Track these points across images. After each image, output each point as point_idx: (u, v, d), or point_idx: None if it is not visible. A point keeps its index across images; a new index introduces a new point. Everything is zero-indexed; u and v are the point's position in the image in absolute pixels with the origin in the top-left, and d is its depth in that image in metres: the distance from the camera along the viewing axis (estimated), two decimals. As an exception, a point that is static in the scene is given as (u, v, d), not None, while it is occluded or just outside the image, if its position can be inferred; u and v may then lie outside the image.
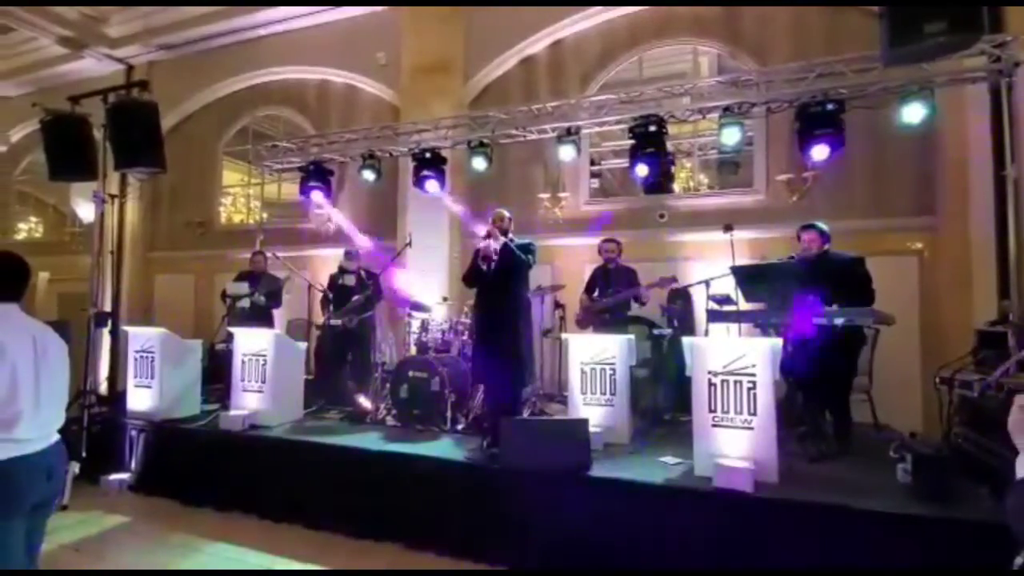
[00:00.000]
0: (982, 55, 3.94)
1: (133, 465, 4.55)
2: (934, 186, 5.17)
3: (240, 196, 9.03)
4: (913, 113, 4.08)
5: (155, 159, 4.80)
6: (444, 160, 5.73)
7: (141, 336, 4.86)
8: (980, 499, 2.66)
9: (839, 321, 3.22)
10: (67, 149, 4.93)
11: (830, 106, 4.24)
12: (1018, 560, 0.86)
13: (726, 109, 4.64)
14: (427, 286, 6.21)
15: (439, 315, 5.43)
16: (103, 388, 5.47)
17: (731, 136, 4.62)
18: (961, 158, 4.77)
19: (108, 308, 5.37)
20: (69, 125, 4.93)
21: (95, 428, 4.66)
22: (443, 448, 3.86)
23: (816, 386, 3.80)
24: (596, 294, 5.14)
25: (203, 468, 4.21)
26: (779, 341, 3.24)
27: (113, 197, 5.23)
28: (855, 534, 2.62)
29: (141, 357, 4.79)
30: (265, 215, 8.02)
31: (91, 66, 8.70)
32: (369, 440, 4.04)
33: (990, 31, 3.83)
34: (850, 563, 2.58)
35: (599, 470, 3.25)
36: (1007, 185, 4.04)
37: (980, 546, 2.36)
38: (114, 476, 4.46)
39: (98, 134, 4.97)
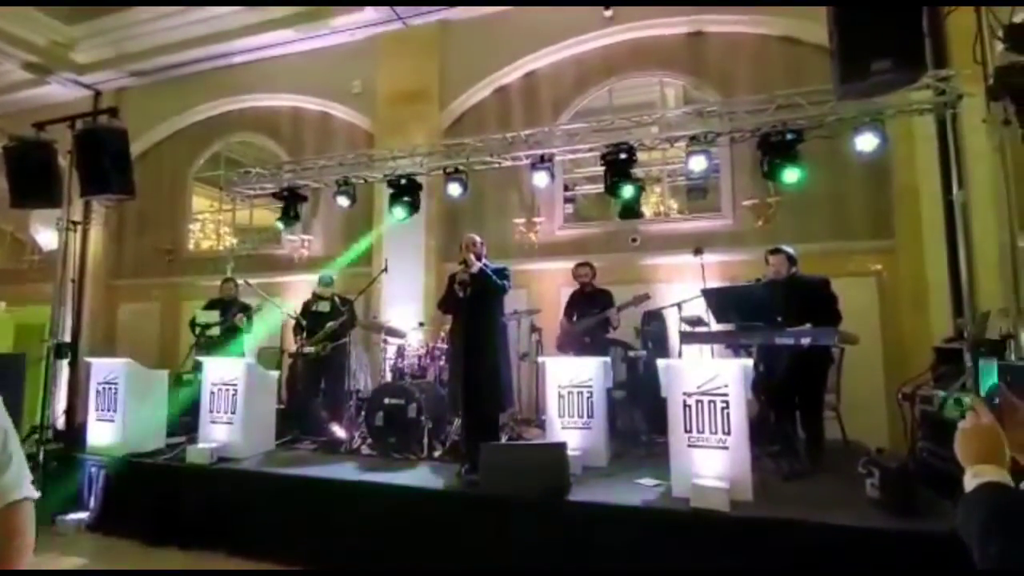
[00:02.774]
0: (928, 89, 4.21)
1: (92, 503, 4.33)
2: (890, 211, 5.44)
3: (210, 222, 8.88)
4: (866, 143, 4.31)
5: (123, 186, 4.71)
6: (419, 186, 5.77)
7: (104, 367, 4.69)
8: (946, 511, 2.75)
9: (805, 341, 3.32)
10: (30, 175, 4.80)
11: (790, 136, 4.45)
12: None
13: (692, 138, 4.82)
14: (403, 312, 6.18)
15: (415, 341, 5.39)
16: (61, 422, 5.21)
17: (698, 163, 4.78)
18: (912, 184, 5.05)
19: (68, 338, 5.18)
20: (33, 151, 4.81)
21: (52, 465, 4.44)
22: (421, 476, 3.80)
23: (788, 404, 3.90)
24: (575, 318, 5.20)
25: (168, 505, 4.03)
26: (750, 361, 3.33)
27: (76, 224, 5.08)
28: (827, 550, 2.66)
29: (104, 389, 4.61)
30: (236, 241, 7.89)
31: (58, 92, 8.53)
32: (344, 470, 3.95)
33: (934, 67, 4.11)
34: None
35: (578, 494, 3.24)
36: (955, 209, 4.27)
37: (947, 557, 2.43)
38: (71, 516, 4.23)
39: (63, 161, 4.86)
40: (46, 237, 8.87)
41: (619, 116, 5.25)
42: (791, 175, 4.43)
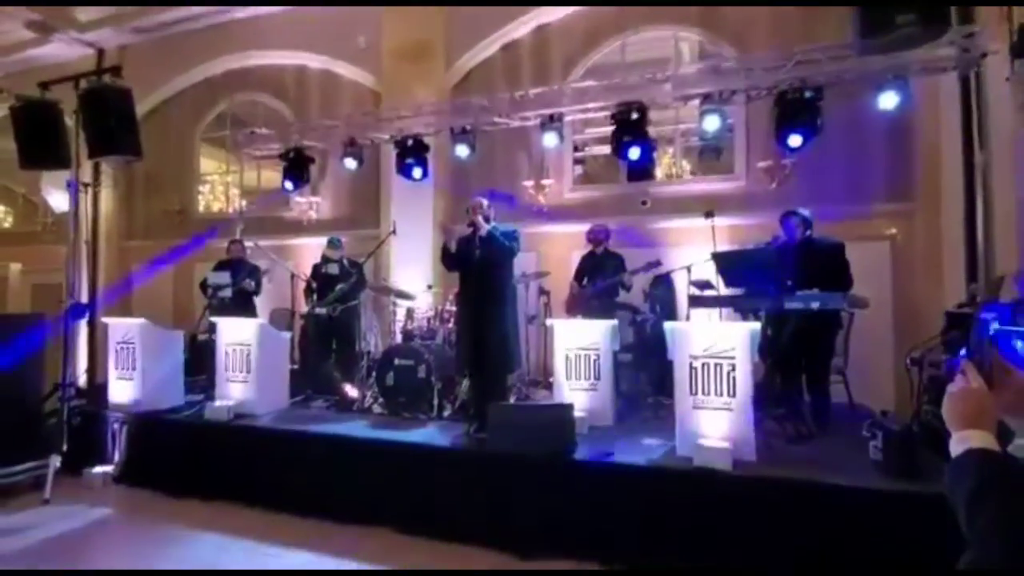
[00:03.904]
0: (952, 45, 4.03)
1: (116, 457, 4.51)
2: (909, 173, 5.30)
3: (219, 184, 8.86)
4: (888, 100, 4.17)
5: (130, 146, 4.69)
6: (427, 147, 5.69)
7: (121, 327, 4.79)
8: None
9: (814, 305, 3.31)
10: (38, 136, 4.79)
11: (808, 93, 4.30)
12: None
13: (707, 96, 4.68)
14: (412, 274, 6.21)
15: (424, 303, 5.43)
16: (82, 381, 5.38)
17: (712, 123, 4.66)
18: (934, 145, 4.89)
19: (85, 299, 5.28)
20: (40, 111, 4.79)
21: (75, 421, 4.61)
22: (430, 435, 3.90)
23: (794, 368, 3.92)
24: (585, 281, 5.19)
25: (188, 459, 4.20)
26: (757, 325, 3.33)
27: (86, 186, 5.09)
28: (827, 509, 2.73)
29: (121, 348, 4.73)
30: (245, 203, 7.89)
31: (61, 51, 8.40)
32: (356, 428, 4.06)
33: (959, 23, 3.92)
34: (823, 536, 2.69)
35: (584, 453, 3.32)
36: (976, 171, 4.16)
37: (944, 517, 2.48)
38: (97, 469, 4.41)
39: (69, 121, 4.84)
40: (57, 199, 8.91)
41: (631, 73, 5.09)
42: (795, 140, 4.32)
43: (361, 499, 3.61)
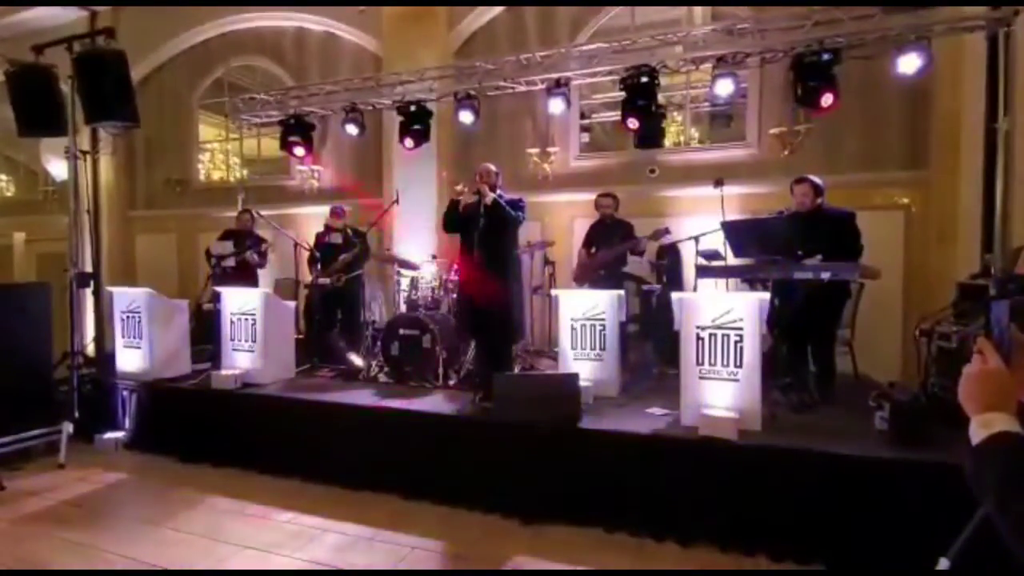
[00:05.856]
0: (981, 4, 3.85)
1: (128, 424, 4.58)
2: (927, 140, 5.15)
3: (219, 152, 8.74)
4: (908, 64, 4.01)
5: (127, 112, 4.59)
6: (430, 114, 5.56)
7: (126, 296, 4.80)
8: (953, 444, 2.78)
9: (825, 276, 3.25)
10: (34, 103, 4.70)
11: (826, 56, 4.14)
12: (943, 561, 0.88)
13: (720, 59, 4.52)
14: (416, 244, 6.15)
15: (428, 273, 5.40)
16: (90, 349, 5.42)
17: (724, 87, 4.52)
18: (955, 110, 4.73)
19: (89, 269, 5.27)
20: (34, 77, 4.68)
21: (86, 389, 4.66)
22: (436, 403, 3.92)
23: (801, 339, 3.89)
24: (593, 249, 5.13)
25: (198, 426, 4.25)
26: (766, 295, 3.29)
27: (85, 153, 5.01)
28: (832, 478, 2.74)
29: (127, 318, 4.75)
30: (246, 172, 7.79)
31: (53, 12, 8.16)
32: (363, 396, 4.09)
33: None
34: (828, 505, 2.71)
35: (589, 422, 3.33)
36: (998, 138, 4.02)
37: (950, 486, 2.48)
38: (109, 435, 4.49)
39: (65, 87, 4.73)
40: (57, 167, 8.82)
41: (641, 35, 4.91)
42: (826, 100, 4.16)
43: (368, 465, 3.65)
